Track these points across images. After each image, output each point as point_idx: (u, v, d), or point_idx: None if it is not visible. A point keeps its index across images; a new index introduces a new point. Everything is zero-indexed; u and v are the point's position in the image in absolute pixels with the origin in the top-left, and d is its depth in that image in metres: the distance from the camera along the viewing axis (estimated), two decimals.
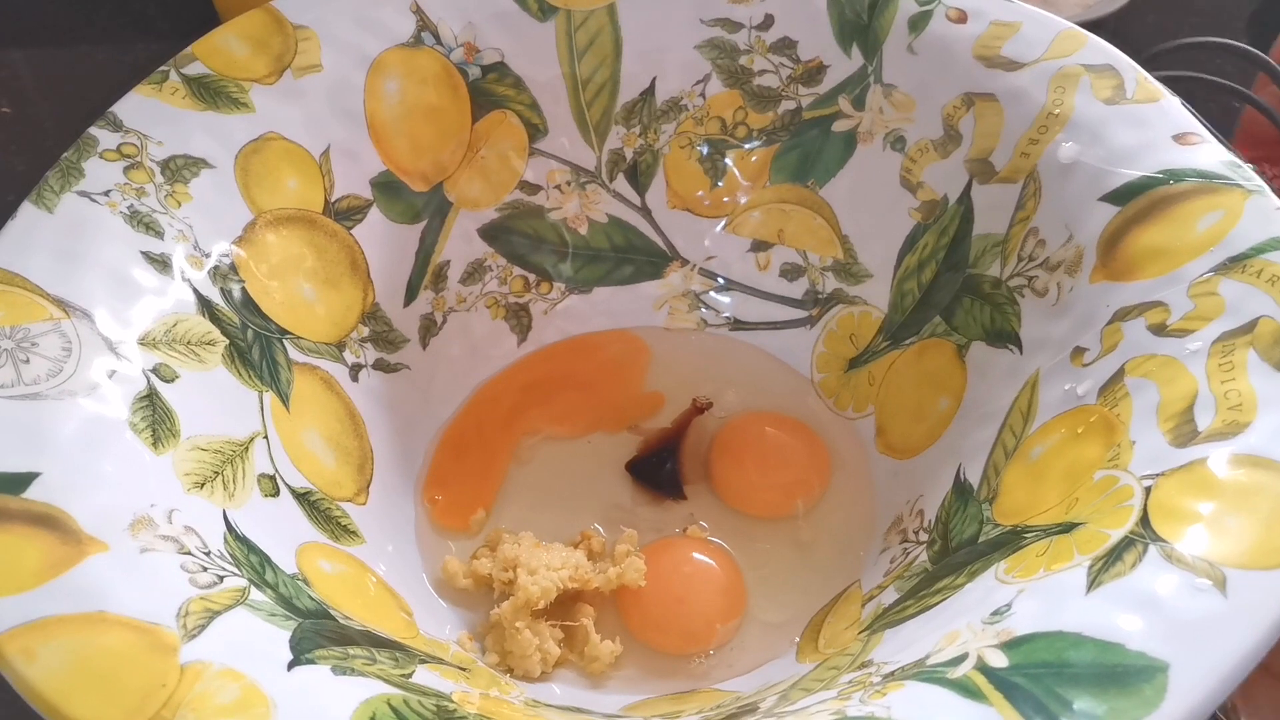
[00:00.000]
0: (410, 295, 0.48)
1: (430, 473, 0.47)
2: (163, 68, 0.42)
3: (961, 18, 0.44)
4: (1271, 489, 0.29)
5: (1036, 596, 0.30)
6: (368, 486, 0.43)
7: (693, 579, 0.43)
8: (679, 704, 0.40)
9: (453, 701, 0.32)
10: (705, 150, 0.50)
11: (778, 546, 0.45)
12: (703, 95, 0.49)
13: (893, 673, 0.31)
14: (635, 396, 0.50)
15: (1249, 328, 0.33)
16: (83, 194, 0.38)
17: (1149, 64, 0.41)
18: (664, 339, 0.52)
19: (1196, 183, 0.37)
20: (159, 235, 0.38)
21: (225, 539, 0.34)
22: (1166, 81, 0.40)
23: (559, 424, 0.49)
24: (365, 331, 0.45)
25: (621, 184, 0.50)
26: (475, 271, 0.50)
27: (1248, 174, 0.37)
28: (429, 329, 0.48)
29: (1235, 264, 0.35)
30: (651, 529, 0.45)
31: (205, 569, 0.32)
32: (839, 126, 0.48)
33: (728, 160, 0.50)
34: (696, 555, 0.44)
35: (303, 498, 0.39)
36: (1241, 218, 0.35)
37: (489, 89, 0.47)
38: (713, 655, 0.42)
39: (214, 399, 0.37)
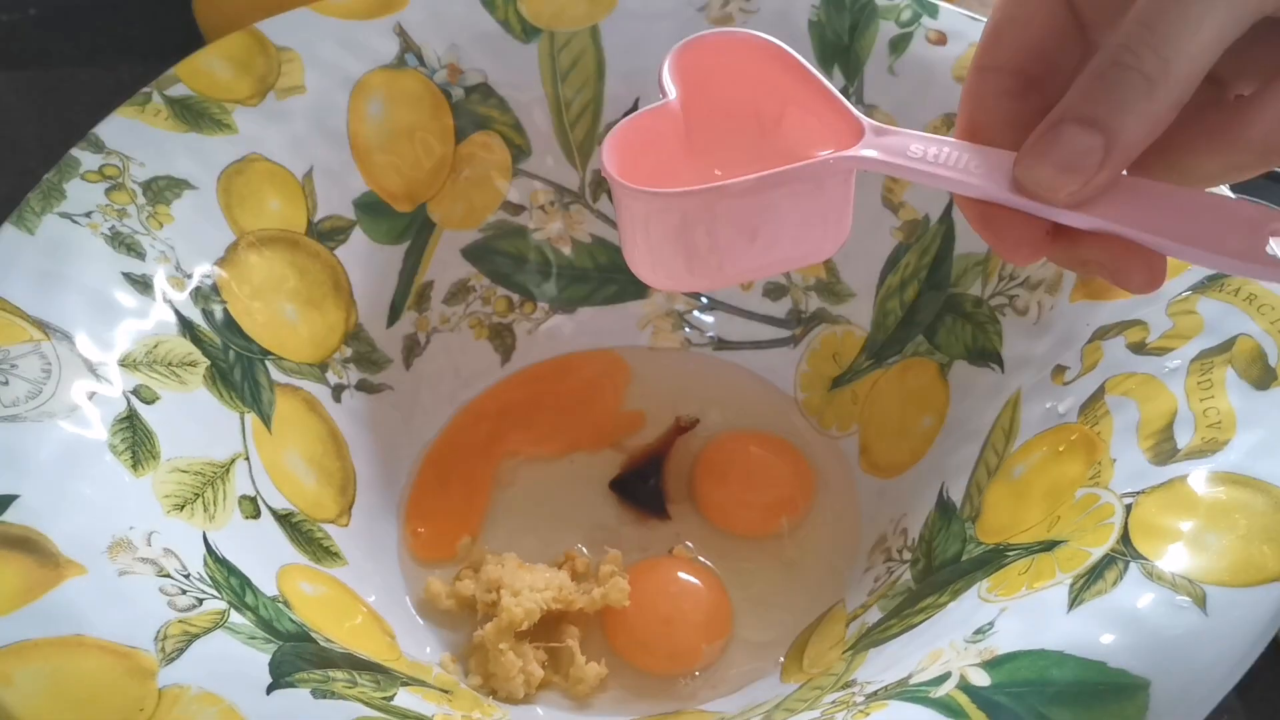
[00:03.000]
0: (393, 316, 0.47)
1: (411, 504, 0.47)
2: (145, 89, 0.42)
3: (941, 39, 0.44)
4: (1251, 506, 0.29)
5: (1018, 615, 0.30)
6: (350, 508, 0.43)
7: (678, 599, 0.43)
8: None
9: None
10: None
11: (763, 566, 0.45)
12: None
13: (875, 692, 0.31)
14: (615, 415, 0.50)
15: (1227, 346, 0.33)
16: (64, 215, 0.38)
17: None
18: (648, 358, 0.52)
19: None
20: (140, 256, 0.38)
21: (205, 561, 0.34)
22: None
23: (539, 445, 0.49)
24: (348, 352, 0.45)
25: (605, 204, 0.50)
26: (459, 292, 0.50)
27: (1224, 192, 0.37)
28: (412, 349, 0.48)
29: (1213, 283, 0.35)
30: (636, 549, 0.45)
31: (184, 591, 0.31)
32: None
33: None
34: (682, 575, 0.44)
35: (284, 519, 0.39)
36: None
37: (472, 110, 0.47)
38: (699, 676, 0.42)
39: (195, 420, 0.37)
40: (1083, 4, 0.26)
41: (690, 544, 0.46)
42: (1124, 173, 0.24)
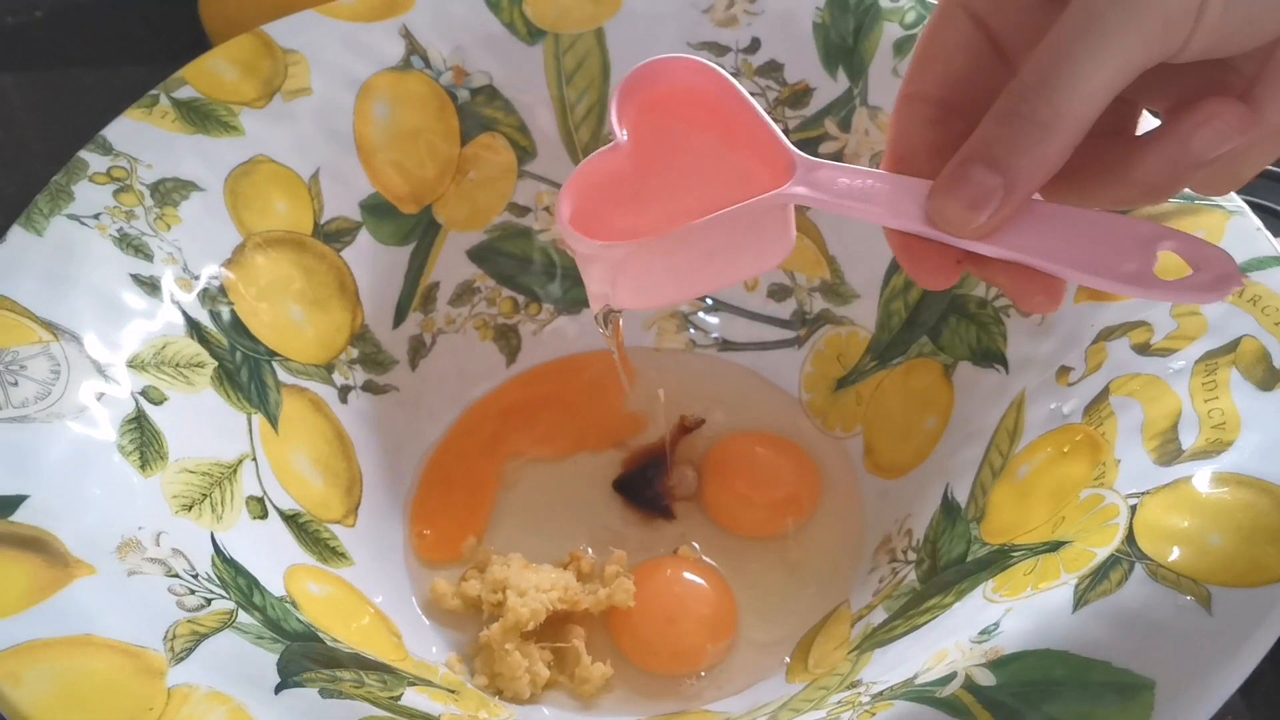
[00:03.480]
0: (399, 317, 0.48)
1: (415, 506, 0.47)
2: (153, 91, 0.42)
3: None
4: (1255, 507, 0.29)
5: (1024, 615, 0.30)
6: (356, 508, 0.43)
7: (683, 599, 0.43)
8: None
9: None
10: None
11: (768, 567, 0.45)
12: None
13: (881, 692, 0.31)
14: (618, 415, 0.50)
15: (1231, 347, 0.33)
16: (72, 217, 0.38)
17: None
18: (652, 359, 0.52)
19: (1178, 204, 0.37)
20: (148, 258, 0.39)
21: (213, 561, 0.34)
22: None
23: (542, 445, 0.49)
24: (354, 353, 0.45)
25: None
26: (464, 293, 0.50)
27: (1228, 195, 0.37)
28: (418, 350, 0.49)
29: None
30: (641, 549, 0.45)
31: (193, 591, 0.32)
32: (825, 148, 0.48)
33: None
34: (687, 575, 0.44)
35: (291, 520, 0.39)
36: (1223, 238, 0.36)
37: (478, 111, 0.47)
38: (704, 676, 0.42)
39: (202, 421, 0.38)
40: (1001, 35, 0.28)
41: (696, 544, 0.46)
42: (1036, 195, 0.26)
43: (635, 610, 0.42)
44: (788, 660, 0.42)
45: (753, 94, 0.48)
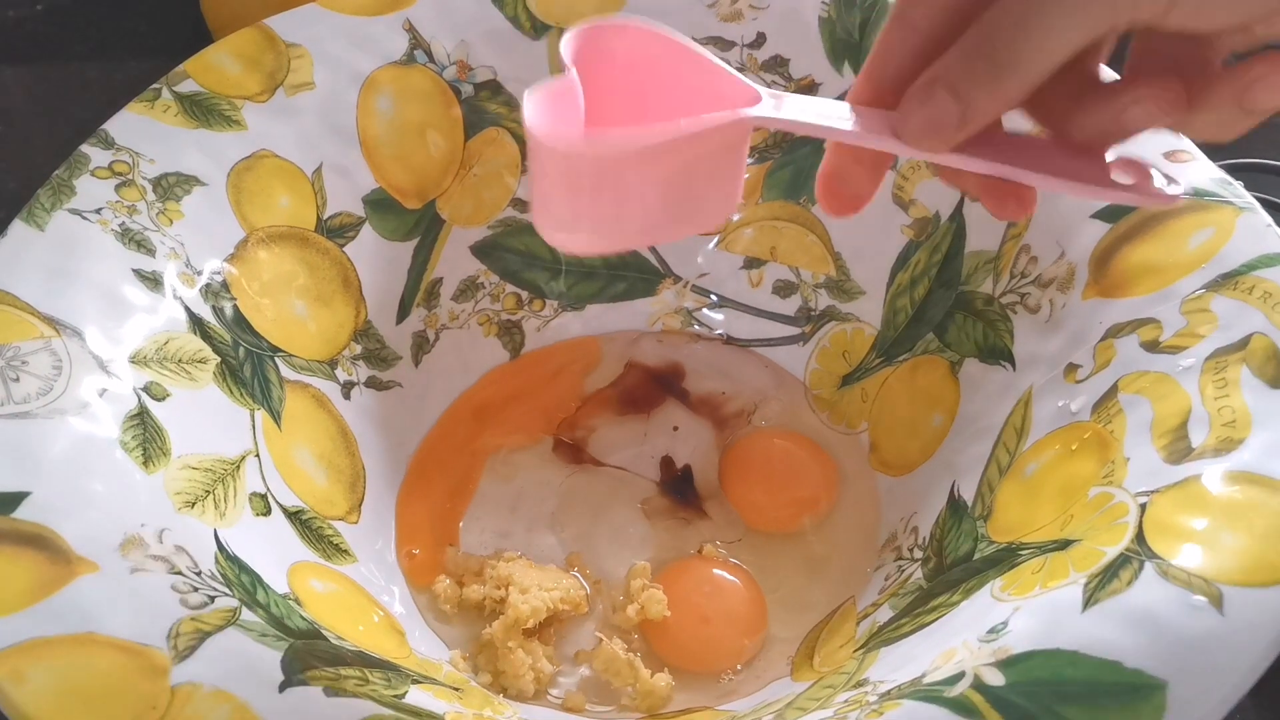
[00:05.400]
0: (403, 312, 0.47)
1: (400, 526, 0.46)
2: (155, 85, 0.42)
3: None
4: (1266, 506, 0.29)
5: (1033, 614, 0.30)
6: (359, 505, 0.43)
7: (719, 598, 0.43)
8: None
9: None
10: None
11: (784, 562, 0.45)
12: None
13: (889, 691, 0.31)
14: (576, 390, 0.50)
15: (1242, 344, 0.33)
16: (74, 212, 0.38)
17: None
18: (655, 349, 0.52)
19: (1188, 200, 0.37)
20: (150, 253, 0.38)
21: (216, 558, 0.33)
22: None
23: (514, 435, 0.49)
24: (357, 349, 0.45)
25: None
26: (468, 289, 0.49)
27: (1239, 191, 0.37)
28: (421, 346, 0.48)
29: (1227, 280, 0.35)
30: (661, 548, 0.45)
31: (196, 589, 0.31)
32: None
33: None
34: (718, 573, 0.44)
35: (294, 517, 0.39)
36: (1233, 235, 0.36)
37: (482, 106, 0.47)
38: (740, 671, 0.42)
39: (205, 417, 0.37)
40: None
41: (717, 541, 0.45)
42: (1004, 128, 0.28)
43: (672, 615, 0.42)
44: (793, 657, 0.42)
45: None
